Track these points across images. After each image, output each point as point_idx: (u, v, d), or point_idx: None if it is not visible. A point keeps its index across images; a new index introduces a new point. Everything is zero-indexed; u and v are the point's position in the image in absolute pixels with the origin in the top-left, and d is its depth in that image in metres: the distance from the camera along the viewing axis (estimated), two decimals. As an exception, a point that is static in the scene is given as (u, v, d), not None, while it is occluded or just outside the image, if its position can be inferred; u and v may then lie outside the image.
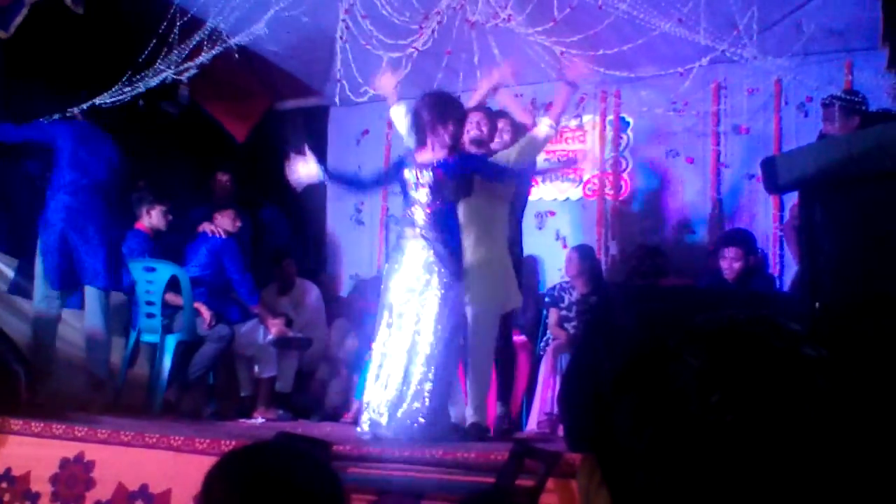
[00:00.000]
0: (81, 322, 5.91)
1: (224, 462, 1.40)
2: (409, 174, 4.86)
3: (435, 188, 4.77)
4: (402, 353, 4.65)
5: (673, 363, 0.78)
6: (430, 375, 4.62)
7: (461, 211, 5.04)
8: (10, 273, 6.29)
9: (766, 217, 6.89)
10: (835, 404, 0.74)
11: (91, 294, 5.72)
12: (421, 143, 4.91)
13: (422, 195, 4.79)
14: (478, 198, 5.10)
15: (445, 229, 4.79)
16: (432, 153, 4.85)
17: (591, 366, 0.85)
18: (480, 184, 5.09)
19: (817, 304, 2.26)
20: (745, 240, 6.09)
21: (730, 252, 5.91)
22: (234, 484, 1.36)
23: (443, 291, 4.69)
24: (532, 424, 5.97)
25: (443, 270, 4.69)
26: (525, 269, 6.89)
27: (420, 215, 4.78)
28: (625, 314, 0.90)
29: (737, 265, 5.86)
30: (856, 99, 5.57)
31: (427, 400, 4.58)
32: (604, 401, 0.84)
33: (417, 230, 4.76)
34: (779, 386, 0.73)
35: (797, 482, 0.70)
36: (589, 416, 0.87)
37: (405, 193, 4.91)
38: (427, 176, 4.79)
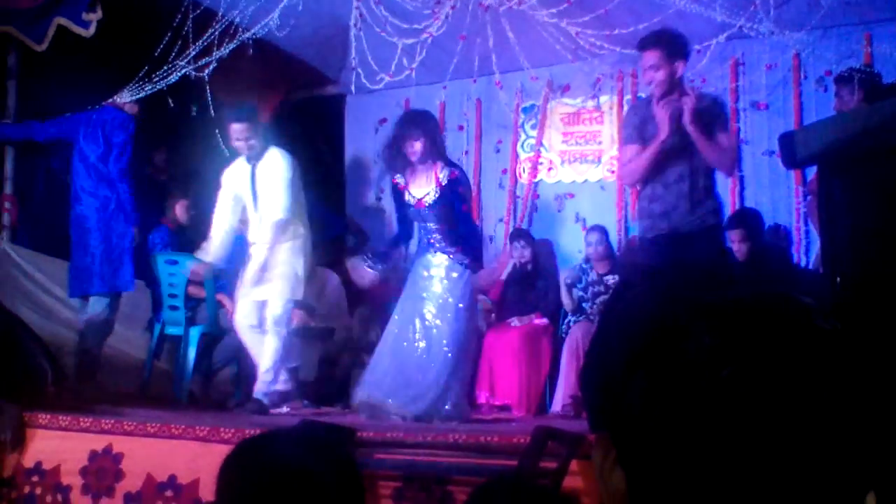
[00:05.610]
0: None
1: (239, 450, 1.41)
2: (412, 208, 5.14)
3: (436, 216, 5.07)
4: (416, 342, 4.96)
5: (685, 340, 0.78)
6: (452, 363, 4.95)
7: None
8: (34, 271, 6.37)
9: (788, 193, 6.83)
10: (847, 376, 0.74)
11: None
12: (411, 172, 5.14)
13: (429, 220, 5.11)
14: None
15: (465, 240, 5.11)
16: (425, 184, 5.09)
17: (608, 345, 0.86)
18: None
19: (837, 279, 2.24)
20: (746, 220, 6.02)
21: (734, 235, 5.88)
22: (249, 471, 1.37)
23: (459, 288, 5.04)
24: (556, 406, 5.98)
25: (461, 271, 5.05)
26: (543, 252, 6.98)
27: (435, 236, 5.09)
28: (641, 293, 0.90)
29: (744, 246, 5.81)
30: (873, 72, 5.51)
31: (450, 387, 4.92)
32: (617, 379, 0.84)
33: (437, 248, 5.09)
34: (791, 360, 0.73)
35: (808, 454, 0.70)
36: (604, 395, 0.86)
37: (414, 219, 5.24)
38: (427, 211, 5.08)
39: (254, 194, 5.46)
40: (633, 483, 0.82)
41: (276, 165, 5.43)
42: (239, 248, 6.19)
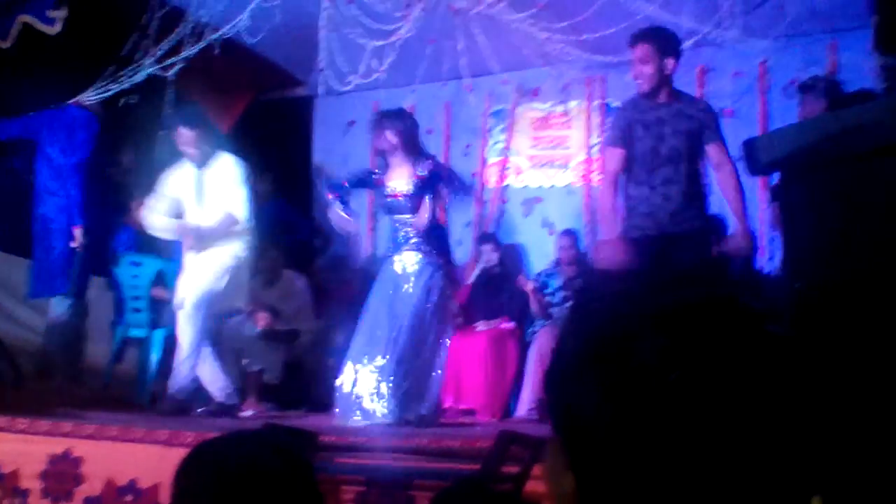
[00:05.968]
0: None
1: (196, 453, 1.40)
2: (388, 199, 5.17)
3: (412, 209, 5.08)
4: (392, 346, 4.93)
5: (634, 343, 0.78)
6: (428, 367, 5.00)
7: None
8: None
9: (753, 199, 6.87)
10: (794, 382, 0.74)
11: None
12: (388, 168, 5.21)
13: (405, 213, 5.10)
14: None
15: (437, 241, 5.16)
16: (402, 176, 5.13)
17: (562, 348, 0.86)
18: None
19: (797, 284, 2.26)
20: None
21: None
22: (204, 474, 1.35)
23: (436, 289, 5.04)
24: (521, 411, 5.99)
25: (435, 271, 5.06)
26: (511, 256, 7.02)
27: (411, 230, 5.09)
28: (595, 295, 0.90)
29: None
30: (835, 80, 5.58)
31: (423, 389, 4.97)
32: (568, 382, 0.84)
33: (412, 245, 5.10)
34: (739, 363, 0.73)
35: (753, 458, 0.70)
36: (556, 397, 0.86)
37: (390, 213, 5.24)
38: (404, 201, 5.09)
39: (199, 200, 5.38)
40: (583, 487, 0.81)
41: (230, 171, 5.39)
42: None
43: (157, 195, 5.53)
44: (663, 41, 4.47)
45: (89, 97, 5.97)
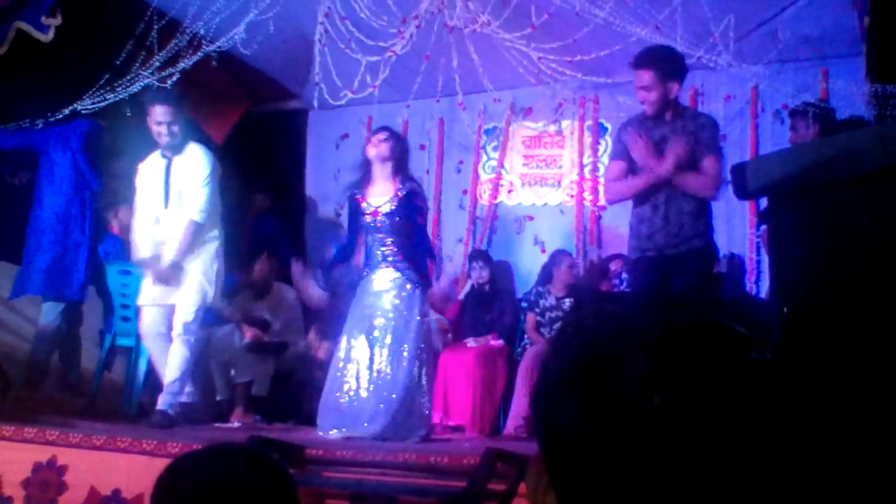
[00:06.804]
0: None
1: (173, 466, 1.40)
2: (367, 217, 5.16)
3: (391, 228, 5.10)
4: (371, 361, 4.97)
5: (619, 365, 0.78)
6: (415, 378, 4.98)
7: None
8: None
9: (744, 223, 6.91)
10: (777, 408, 0.75)
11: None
12: (369, 182, 5.22)
13: (384, 232, 5.13)
14: None
15: (414, 254, 5.16)
16: (384, 193, 5.14)
17: (547, 368, 0.87)
18: None
19: (785, 309, 2.27)
20: None
21: None
22: (181, 487, 1.36)
23: (413, 304, 5.06)
24: (509, 428, 5.99)
25: (412, 287, 5.08)
26: (501, 273, 7.04)
27: (388, 249, 5.11)
28: (582, 316, 0.91)
29: None
30: (828, 107, 5.63)
31: (400, 403, 4.92)
32: (552, 402, 0.85)
33: (389, 262, 5.11)
34: (722, 388, 0.74)
35: (735, 483, 0.71)
36: (541, 417, 0.87)
37: (368, 232, 5.23)
38: (383, 220, 5.11)
39: (166, 190, 5.24)
40: (566, 506, 0.82)
41: (196, 162, 5.23)
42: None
43: (135, 202, 5.43)
44: (667, 65, 4.40)
45: (86, 106, 5.97)
